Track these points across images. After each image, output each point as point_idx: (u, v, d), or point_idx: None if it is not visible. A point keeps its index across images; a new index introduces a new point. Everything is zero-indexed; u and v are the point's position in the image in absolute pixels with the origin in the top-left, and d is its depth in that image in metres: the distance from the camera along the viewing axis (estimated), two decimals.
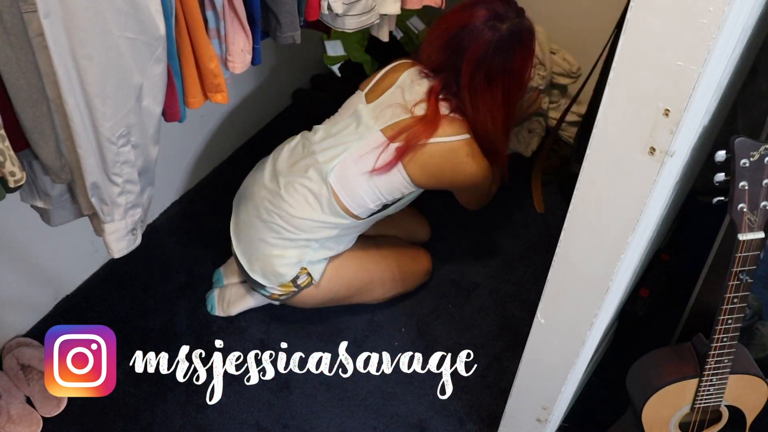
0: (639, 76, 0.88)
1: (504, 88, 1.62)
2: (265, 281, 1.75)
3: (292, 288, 1.75)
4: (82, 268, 1.98)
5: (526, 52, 1.62)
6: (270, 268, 1.72)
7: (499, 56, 1.57)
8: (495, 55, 1.57)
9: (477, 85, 1.60)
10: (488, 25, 1.56)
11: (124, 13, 1.03)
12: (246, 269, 1.77)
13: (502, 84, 1.61)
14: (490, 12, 1.57)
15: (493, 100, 1.62)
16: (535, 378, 1.44)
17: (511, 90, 1.63)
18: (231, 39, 1.26)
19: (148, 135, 1.20)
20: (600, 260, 1.11)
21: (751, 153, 1.08)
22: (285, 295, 1.77)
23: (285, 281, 1.73)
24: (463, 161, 1.65)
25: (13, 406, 1.71)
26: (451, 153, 1.63)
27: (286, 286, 1.75)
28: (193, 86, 1.25)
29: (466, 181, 1.69)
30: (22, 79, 0.99)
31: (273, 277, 1.73)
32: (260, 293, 1.82)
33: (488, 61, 1.57)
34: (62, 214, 1.28)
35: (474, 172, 1.67)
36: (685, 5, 0.79)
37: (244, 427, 1.75)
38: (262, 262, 1.73)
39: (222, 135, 2.21)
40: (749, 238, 1.15)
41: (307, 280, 1.75)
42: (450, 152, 1.63)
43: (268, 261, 1.71)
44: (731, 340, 1.27)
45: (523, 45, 1.60)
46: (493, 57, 1.57)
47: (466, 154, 1.64)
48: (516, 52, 1.59)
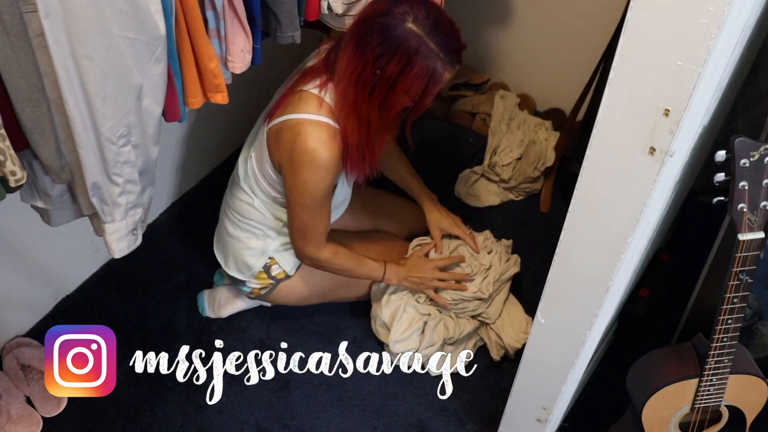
0: (639, 76, 0.88)
1: (363, 73, 1.40)
2: (240, 275, 1.78)
3: (268, 280, 1.77)
4: (82, 268, 1.98)
5: (408, 69, 1.38)
6: (241, 260, 1.76)
7: (380, 42, 1.37)
8: (377, 35, 1.37)
9: (347, 47, 1.42)
10: (399, 11, 1.37)
11: (124, 13, 1.03)
12: (223, 266, 1.82)
13: (368, 70, 1.40)
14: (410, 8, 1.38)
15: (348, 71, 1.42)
16: (535, 378, 1.44)
17: (377, 89, 1.41)
18: (231, 39, 1.26)
19: (148, 135, 1.20)
20: (600, 260, 1.11)
21: (751, 153, 1.08)
22: (265, 289, 1.79)
23: (255, 272, 1.76)
24: (300, 137, 1.47)
25: (13, 406, 1.71)
26: (290, 128, 1.49)
27: (262, 278, 1.77)
28: (193, 86, 1.25)
29: (301, 164, 1.49)
30: (22, 79, 0.99)
31: (245, 270, 1.77)
32: (243, 291, 1.84)
33: (368, 36, 1.37)
34: (62, 214, 1.28)
35: (309, 149, 1.46)
36: (685, 5, 0.79)
37: (244, 427, 1.75)
38: (233, 256, 1.78)
39: (222, 135, 2.21)
40: (749, 238, 1.15)
41: (281, 272, 1.76)
42: (290, 127, 1.49)
43: (238, 254, 1.76)
44: (731, 340, 1.27)
45: (409, 60, 1.37)
46: (373, 35, 1.37)
47: (307, 132, 1.47)
48: (397, 54, 1.37)
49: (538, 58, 2.42)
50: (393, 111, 1.44)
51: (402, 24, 1.36)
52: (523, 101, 2.45)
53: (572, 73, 2.24)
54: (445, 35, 1.40)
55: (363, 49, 1.39)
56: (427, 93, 1.43)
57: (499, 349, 1.84)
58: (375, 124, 1.46)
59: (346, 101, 1.44)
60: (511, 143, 2.24)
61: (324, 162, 1.48)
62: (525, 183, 2.24)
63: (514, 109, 2.36)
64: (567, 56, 2.32)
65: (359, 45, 1.39)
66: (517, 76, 2.51)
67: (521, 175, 2.22)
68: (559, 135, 2.24)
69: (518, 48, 2.44)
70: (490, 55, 2.50)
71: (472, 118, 2.45)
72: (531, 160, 2.22)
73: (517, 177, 2.22)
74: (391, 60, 1.37)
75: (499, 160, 2.21)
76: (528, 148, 2.23)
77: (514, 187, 2.24)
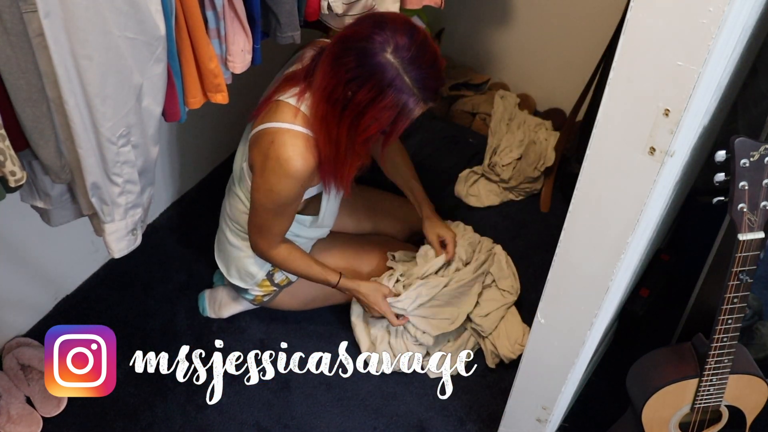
0: (639, 76, 0.88)
1: (334, 91, 1.38)
2: (243, 284, 1.78)
3: (271, 288, 1.77)
4: (82, 268, 1.98)
5: (379, 98, 1.34)
6: (243, 269, 1.76)
7: (356, 65, 1.34)
8: (353, 58, 1.34)
9: (325, 62, 1.40)
10: (380, 38, 1.33)
11: (124, 13, 1.03)
12: (225, 275, 1.81)
13: (338, 90, 1.37)
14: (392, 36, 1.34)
15: (322, 85, 1.40)
16: (535, 378, 1.44)
17: (347, 111, 1.38)
18: (231, 39, 1.26)
19: (148, 135, 1.20)
20: (600, 260, 1.11)
21: (751, 153, 1.08)
22: (268, 296, 1.79)
23: (259, 280, 1.76)
24: (274, 145, 1.46)
25: (13, 406, 1.71)
26: (266, 135, 1.48)
27: (265, 286, 1.77)
28: (193, 86, 1.25)
29: (271, 170, 1.47)
30: (22, 79, 0.99)
31: (248, 278, 1.76)
32: (245, 298, 1.83)
33: (345, 57, 1.35)
34: (62, 214, 1.28)
35: (281, 157, 1.45)
36: (685, 5, 0.79)
37: (244, 427, 1.75)
38: (235, 265, 1.77)
39: (222, 135, 2.21)
40: (749, 238, 1.15)
41: (284, 279, 1.77)
42: (266, 135, 1.48)
43: (240, 262, 1.75)
44: (731, 340, 1.27)
45: (381, 90, 1.34)
46: (350, 57, 1.35)
47: (281, 141, 1.45)
48: (370, 82, 1.34)
49: (538, 58, 2.42)
50: (361, 136, 1.41)
51: (380, 53, 1.33)
52: (523, 101, 2.45)
53: (572, 73, 2.24)
54: (424, 71, 1.35)
55: (338, 68, 1.36)
56: (395, 125, 1.39)
57: (494, 358, 1.85)
58: (344, 145, 1.43)
59: (318, 115, 1.43)
60: (511, 143, 2.24)
61: (295, 172, 1.46)
62: (525, 183, 2.24)
63: (514, 109, 2.35)
64: (567, 56, 2.32)
65: (335, 63, 1.37)
66: (517, 76, 2.51)
67: (521, 175, 2.22)
68: (559, 135, 2.24)
69: (518, 48, 2.44)
70: (490, 55, 2.50)
71: (472, 118, 2.45)
72: (531, 160, 2.22)
73: (517, 177, 2.22)
74: (363, 86, 1.34)
75: (499, 160, 2.21)
76: (528, 148, 2.23)
77: (514, 187, 2.24)
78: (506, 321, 1.86)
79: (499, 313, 1.86)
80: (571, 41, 2.28)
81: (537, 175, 2.23)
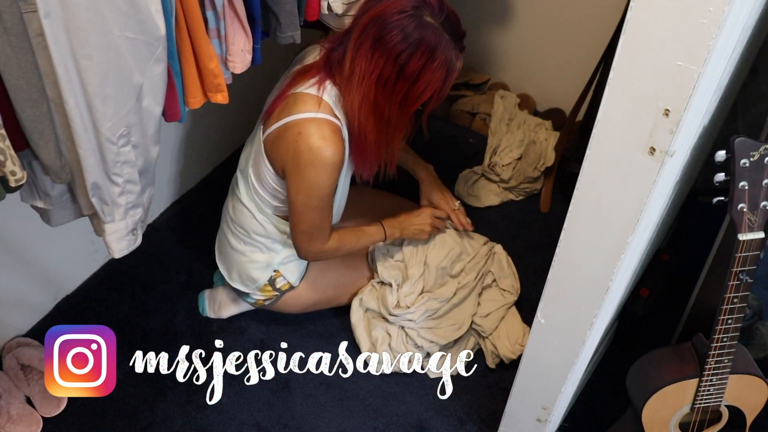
0: (639, 76, 0.88)
1: (383, 71, 1.41)
2: (244, 288, 1.78)
3: (273, 292, 1.77)
4: (82, 268, 1.98)
5: (430, 62, 1.40)
6: (245, 274, 1.75)
7: (402, 38, 1.38)
8: (398, 32, 1.37)
9: (363, 47, 1.40)
10: (414, 5, 1.38)
11: (124, 13, 1.03)
12: (227, 278, 1.81)
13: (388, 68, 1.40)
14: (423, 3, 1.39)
15: (369, 71, 1.41)
16: (535, 378, 1.44)
17: (398, 86, 1.42)
18: (231, 39, 1.26)
19: (148, 135, 1.20)
20: (600, 260, 1.11)
21: (751, 153, 1.08)
22: (269, 300, 1.79)
23: (261, 285, 1.75)
24: (302, 137, 1.45)
25: (13, 406, 1.71)
26: (290, 129, 1.47)
27: (266, 290, 1.77)
28: (193, 86, 1.25)
29: (307, 163, 1.46)
30: (22, 79, 0.99)
31: (250, 283, 1.76)
32: (246, 302, 1.84)
33: (388, 34, 1.37)
34: (62, 214, 1.28)
35: (313, 146, 1.44)
36: (685, 5, 0.79)
37: (244, 427, 1.75)
38: (237, 269, 1.77)
39: (222, 135, 2.21)
40: (749, 238, 1.15)
41: (286, 284, 1.76)
42: (290, 128, 1.47)
43: (242, 267, 1.75)
44: (731, 340, 1.27)
45: (432, 53, 1.39)
46: (393, 32, 1.37)
47: (309, 131, 1.45)
48: (420, 49, 1.38)
49: (538, 58, 2.42)
50: (413, 107, 1.47)
51: (421, 19, 1.38)
52: (523, 101, 2.45)
53: (572, 73, 2.24)
54: (454, 25, 1.43)
55: (383, 48, 1.39)
56: (446, 84, 1.46)
57: (494, 358, 1.85)
58: (395, 122, 1.48)
59: (367, 102, 1.44)
60: (511, 143, 2.24)
61: (329, 159, 1.47)
62: (525, 183, 2.24)
63: (514, 109, 2.35)
64: (567, 56, 2.32)
65: (378, 44, 1.39)
66: (517, 76, 2.51)
67: (521, 175, 2.22)
68: (559, 135, 2.24)
69: (518, 48, 2.44)
70: (490, 55, 2.50)
71: (472, 118, 2.45)
72: (531, 160, 2.22)
73: (517, 177, 2.22)
74: (413, 55, 1.39)
75: (499, 160, 2.21)
76: (528, 148, 2.23)
77: (514, 187, 2.24)
78: (506, 321, 1.86)
79: (500, 313, 1.86)
80: (571, 41, 2.28)
81: (537, 175, 2.23)
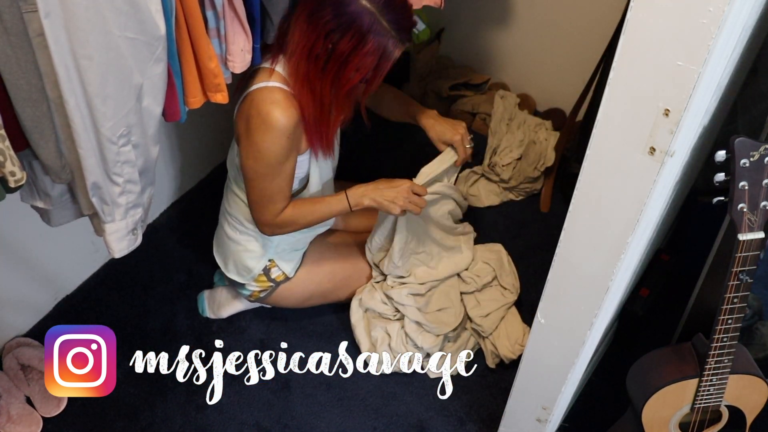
0: (639, 76, 0.88)
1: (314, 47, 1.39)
2: (239, 278, 1.78)
3: (267, 283, 1.77)
4: (82, 268, 1.98)
5: (361, 46, 1.37)
6: (241, 264, 1.76)
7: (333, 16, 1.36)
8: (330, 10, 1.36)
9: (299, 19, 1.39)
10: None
11: (124, 13, 1.03)
12: (223, 269, 1.81)
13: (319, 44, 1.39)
14: None
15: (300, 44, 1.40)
16: (535, 378, 1.44)
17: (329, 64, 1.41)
18: (231, 39, 1.26)
19: (148, 135, 1.20)
20: (600, 260, 1.11)
21: (751, 153, 1.08)
22: (264, 292, 1.79)
23: (256, 275, 1.76)
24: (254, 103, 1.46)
25: (14, 406, 1.71)
26: (246, 102, 1.49)
27: (261, 281, 1.77)
28: (193, 86, 1.25)
29: (255, 128, 1.46)
30: (23, 79, 0.99)
31: (245, 273, 1.76)
32: (242, 294, 1.84)
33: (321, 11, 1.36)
34: (62, 214, 1.28)
35: (262, 111, 1.44)
36: (685, 5, 0.79)
37: (244, 427, 1.75)
38: (233, 259, 1.77)
39: (222, 135, 2.21)
40: (749, 238, 1.15)
41: (281, 274, 1.76)
42: (246, 102, 1.49)
43: (238, 256, 1.76)
44: (731, 340, 1.27)
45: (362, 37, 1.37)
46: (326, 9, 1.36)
47: (260, 98, 1.45)
48: (351, 31, 1.36)
49: (538, 58, 2.42)
50: (345, 87, 1.44)
51: (356, 1, 1.35)
52: (523, 101, 2.45)
53: (572, 73, 2.24)
54: (398, 13, 1.39)
55: (315, 23, 1.37)
56: (378, 71, 1.43)
57: (494, 358, 1.85)
58: (328, 100, 1.46)
59: (299, 74, 1.43)
60: (511, 143, 2.24)
61: (277, 122, 1.45)
62: (525, 183, 2.24)
63: (514, 109, 2.35)
64: (567, 56, 2.32)
65: (312, 18, 1.37)
66: (517, 76, 2.51)
67: (521, 175, 2.22)
68: (559, 135, 2.24)
69: (518, 48, 2.44)
70: (490, 55, 2.50)
71: (472, 118, 2.44)
72: (531, 160, 2.22)
73: (517, 177, 2.22)
74: (343, 36, 1.37)
75: (499, 160, 2.21)
76: (528, 148, 2.23)
77: (514, 187, 2.24)
78: (506, 321, 1.86)
79: (500, 313, 1.86)
80: (571, 41, 2.28)
81: (537, 175, 2.23)
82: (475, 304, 1.87)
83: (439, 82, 2.44)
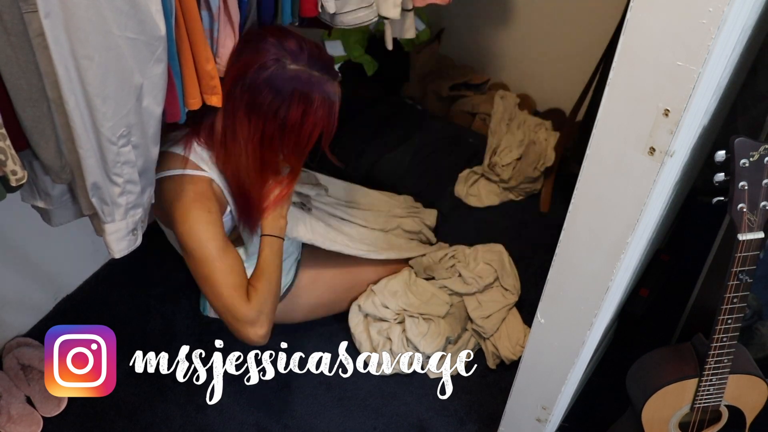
0: (639, 76, 0.88)
1: (266, 131, 1.39)
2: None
3: None
4: (82, 268, 1.98)
5: (309, 106, 1.38)
6: None
7: (274, 96, 1.36)
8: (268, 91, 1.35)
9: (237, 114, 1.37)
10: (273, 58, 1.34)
11: (124, 13, 1.03)
12: (206, 312, 1.80)
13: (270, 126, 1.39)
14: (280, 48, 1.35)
15: (250, 136, 1.39)
16: (535, 378, 1.44)
17: (273, 136, 1.40)
18: (222, 42, 1.26)
19: (148, 135, 1.20)
20: (600, 260, 1.11)
21: (750, 153, 1.08)
22: None
23: None
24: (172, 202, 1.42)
25: (14, 406, 1.71)
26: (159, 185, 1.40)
27: None
28: (193, 87, 1.25)
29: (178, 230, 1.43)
30: (23, 79, 0.99)
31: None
32: None
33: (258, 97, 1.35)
34: (63, 214, 1.28)
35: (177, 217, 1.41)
36: (685, 5, 0.80)
37: (244, 427, 1.75)
38: None
39: None
40: (749, 238, 1.15)
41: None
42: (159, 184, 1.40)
43: None
44: (731, 340, 1.27)
45: (307, 97, 1.37)
46: (263, 93, 1.35)
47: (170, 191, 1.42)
48: (295, 98, 1.36)
49: (538, 58, 2.42)
50: (307, 149, 1.44)
51: (285, 69, 1.35)
52: (523, 101, 2.45)
53: (572, 73, 2.24)
54: (320, 59, 1.39)
55: (258, 110, 1.37)
56: (331, 117, 1.43)
57: (495, 359, 1.85)
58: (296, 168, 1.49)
59: (255, 163, 1.42)
60: (511, 143, 2.24)
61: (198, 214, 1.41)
62: (525, 183, 2.24)
63: (514, 109, 2.36)
64: (567, 56, 2.32)
65: (252, 108, 1.36)
66: (517, 76, 2.51)
67: (521, 175, 2.22)
68: (559, 135, 2.24)
69: (518, 48, 2.44)
70: (490, 55, 2.51)
71: (472, 118, 2.45)
72: (531, 160, 2.23)
73: (517, 177, 2.22)
74: (290, 106, 1.37)
75: (499, 160, 2.22)
76: (528, 148, 2.24)
77: (514, 187, 2.24)
78: (507, 322, 1.86)
79: (501, 314, 1.86)
80: (571, 41, 2.28)
81: (537, 175, 2.24)
82: (477, 305, 1.87)
83: (438, 82, 2.44)
